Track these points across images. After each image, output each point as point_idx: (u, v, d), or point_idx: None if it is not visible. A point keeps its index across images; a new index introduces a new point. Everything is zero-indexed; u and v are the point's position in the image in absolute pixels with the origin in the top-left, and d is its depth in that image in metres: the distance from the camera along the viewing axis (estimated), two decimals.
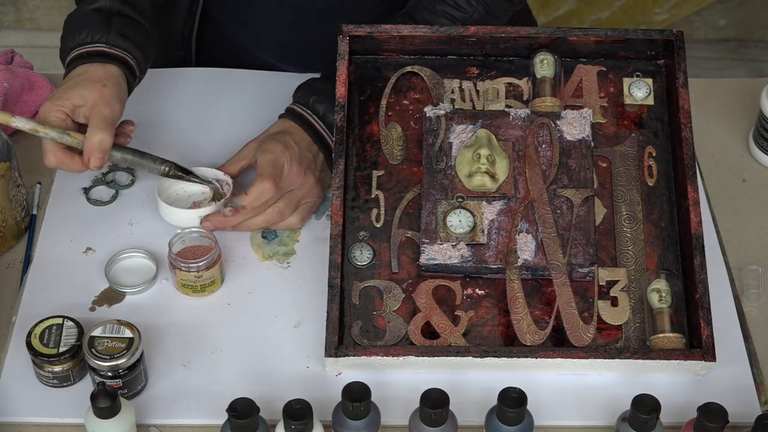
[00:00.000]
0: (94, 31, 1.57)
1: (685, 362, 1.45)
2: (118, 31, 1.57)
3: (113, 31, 1.57)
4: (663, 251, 1.54)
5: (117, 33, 1.57)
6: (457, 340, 1.48)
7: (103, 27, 1.57)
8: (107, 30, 1.57)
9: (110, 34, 1.57)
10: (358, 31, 1.61)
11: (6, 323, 1.54)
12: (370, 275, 1.53)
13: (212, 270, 1.53)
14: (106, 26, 1.57)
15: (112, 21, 1.58)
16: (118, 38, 1.57)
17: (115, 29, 1.57)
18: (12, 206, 1.60)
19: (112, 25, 1.57)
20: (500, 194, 1.53)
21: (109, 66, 1.55)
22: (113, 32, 1.57)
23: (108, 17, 1.58)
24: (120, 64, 1.56)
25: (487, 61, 1.65)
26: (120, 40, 1.57)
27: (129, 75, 1.58)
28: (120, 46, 1.57)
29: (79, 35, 1.57)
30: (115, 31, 1.57)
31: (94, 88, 1.52)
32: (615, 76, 1.64)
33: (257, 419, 1.34)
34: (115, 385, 1.41)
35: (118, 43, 1.57)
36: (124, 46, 1.57)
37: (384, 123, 1.62)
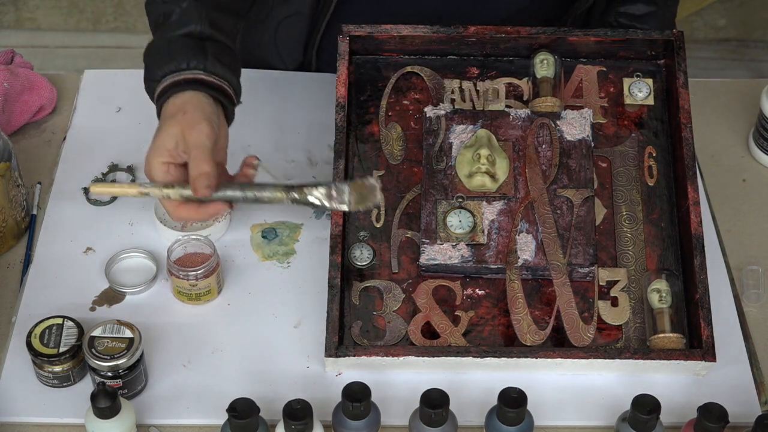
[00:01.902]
0: (190, 58, 1.46)
1: (685, 362, 1.45)
2: (215, 57, 1.47)
3: (210, 57, 1.47)
4: (663, 251, 1.54)
5: (214, 59, 1.47)
6: (457, 340, 1.48)
7: (199, 54, 1.46)
8: (204, 56, 1.46)
9: (208, 61, 1.46)
10: (358, 31, 1.61)
11: (6, 323, 1.54)
12: (370, 275, 1.53)
13: (209, 279, 1.53)
14: (201, 52, 1.47)
15: (206, 47, 1.48)
16: (216, 65, 1.47)
17: (212, 55, 1.47)
18: (12, 206, 1.60)
19: (207, 52, 1.47)
20: (500, 194, 1.53)
21: (191, 93, 1.44)
22: (210, 59, 1.47)
23: (201, 43, 1.48)
24: (216, 92, 1.46)
25: (487, 61, 1.65)
26: (218, 67, 1.47)
27: (226, 102, 1.47)
28: (218, 73, 1.47)
29: (172, 62, 1.46)
30: (212, 57, 1.47)
31: (176, 120, 1.42)
32: (615, 76, 1.64)
33: (257, 419, 1.34)
34: (115, 385, 1.41)
35: (216, 70, 1.47)
36: (222, 73, 1.47)
37: (384, 123, 1.61)
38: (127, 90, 1.81)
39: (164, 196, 1.41)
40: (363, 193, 1.43)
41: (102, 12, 3.33)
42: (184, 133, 1.40)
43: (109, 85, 1.83)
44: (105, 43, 3.30)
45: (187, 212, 1.42)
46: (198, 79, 1.45)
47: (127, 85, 1.83)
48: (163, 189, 1.41)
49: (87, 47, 3.28)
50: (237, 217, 1.64)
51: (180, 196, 1.41)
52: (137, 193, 1.41)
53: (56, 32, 3.30)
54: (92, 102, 1.80)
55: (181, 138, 1.40)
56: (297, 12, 1.79)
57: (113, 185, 1.48)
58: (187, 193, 1.40)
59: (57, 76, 1.85)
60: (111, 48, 3.30)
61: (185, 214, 1.42)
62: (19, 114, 1.75)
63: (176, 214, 1.43)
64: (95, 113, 1.78)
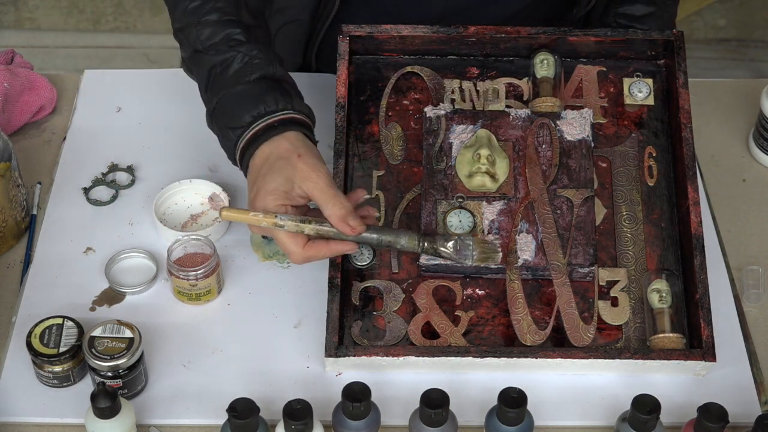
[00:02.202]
0: (277, 99, 1.45)
1: (685, 362, 1.45)
2: (296, 95, 1.48)
3: (293, 96, 1.47)
4: (663, 251, 1.54)
5: (297, 97, 1.47)
6: (457, 340, 1.48)
7: (283, 94, 1.46)
8: (288, 96, 1.46)
9: (294, 100, 1.46)
10: (358, 31, 1.61)
11: (6, 323, 1.54)
12: (370, 275, 1.53)
13: (209, 279, 1.53)
14: (283, 93, 1.46)
15: (285, 87, 1.47)
16: (301, 103, 1.47)
17: (294, 94, 1.47)
18: (12, 206, 1.60)
19: (288, 92, 1.47)
20: (500, 194, 1.53)
21: (290, 134, 1.43)
22: (295, 98, 1.47)
23: (278, 84, 1.47)
24: (308, 131, 1.46)
25: (487, 61, 1.65)
26: (303, 106, 1.47)
27: (312, 138, 1.47)
28: (304, 111, 1.47)
29: (260, 105, 1.44)
30: (294, 96, 1.47)
31: (292, 163, 1.40)
32: (615, 76, 1.64)
33: (257, 419, 1.34)
34: (115, 385, 1.41)
35: (303, 108, 1.47)
36: (307, 111, 1.48)
37: (384, 123, 1.62)
38: (127, 90, 1.82)
39: (300, 230, 1.40)
40: (485, 251, 1.48)
41: (102, 12, 3.33)
42: (308, 178, 1.40)
43: (109, 85, 1.83)
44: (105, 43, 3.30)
45: (316, 251, 1.41)
46: (291, 119, 1.45)
47: (127, 85, 1.83)
48: (300, 223, 1.40)
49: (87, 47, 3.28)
50: None
51: (316, 232, 1.40)
52: (272, 224, 1.39)
53: (56, 32, 3.30)
54: (92, 102, 1.80)
55: (300, 182, 1.40)
56: (296, 19, 1.79)
57: (246, 211, 1.41)
58: (324, 230, 1.40)
59: (57, 76, 1.85)
60: (111, 48, 3.30)
61: (314, 254, 1.41)
62: (19, 114, 1.75)
63: (300, 252, 1.40)
64: (95, 113, 1.78)
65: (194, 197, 1.66)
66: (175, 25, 1.55)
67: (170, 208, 1.65)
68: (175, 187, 1.65)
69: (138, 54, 3.28)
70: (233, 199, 1.65)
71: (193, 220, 1.64)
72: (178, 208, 1.65)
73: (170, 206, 1.65)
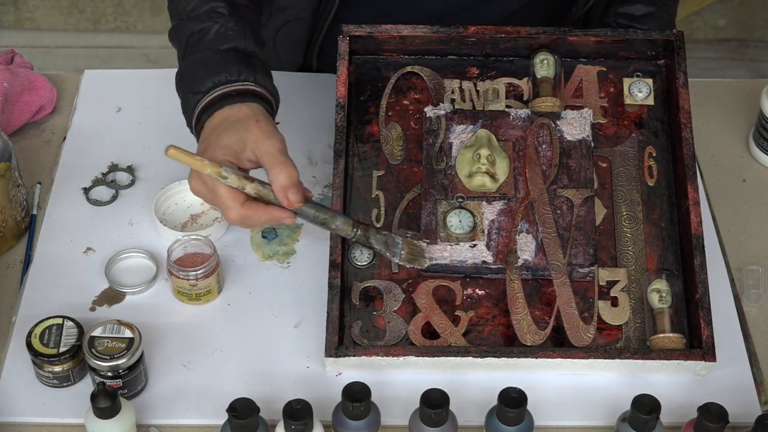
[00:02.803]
0: (240, 70, 1.46)
1: (686, 362, 1.45)
2: (263, 71, 1.48)
3: (259, 71, 1.47)
4: (663, 251, 1.54)
5: (263, 73, 1.48)
6: (457, 340, 1.48)
7: (248, 66, 1.46)
8: (254, 69, 1.47)
9: (258, 74, 1.47)
10: (358, 31, 1.61)
11: (6, 323, 1.54)
12: (370, 275, 1.53)
13: (209, 279, 1.53)
14: (250, 66, 1.47)
15: (253, 62, 1.48)
16: (266, 78, 1.48)
17: (260, 70, 1.48)
18: (12, 206, 1.60)
19: (256, 66, 1.48)
20: (500, 194, 1.53)
21: (251, 104, 1.44)
22: (260, 72, 1.47)
23: (247, 57, 1.48)
24: (264, 103, 1.46)
25: (487, 61, 1.65)
26: (267, 81, 1.48)
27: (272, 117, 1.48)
28: (267, 87, 1.47)
29: (222, 73, 1.45)
30: (260, 71, 1.48)
31: (249, 126, 1.41)
32: (615, 76, 1.64)
33: (257, 419, 1.34)
34: (115, 385, 1.41)
35: (266, 83, 1.47)
36: (270, 88, 1.48)
37: (384, 123, 1.62)
38: (127, 90, 1.82)
39: (241, 186, 1.38)
40: (413, 252, 1.48)
41: (102, 12, 3.33)
42: (260, 141, 1.39)
43: (109, 85, 1.83)
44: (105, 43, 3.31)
45: (253, 211, 1.39)
46: (250, 91, 1.45)
47: (127, 85, 1.83)
48: (243, 179, 1.38)
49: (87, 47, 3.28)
50: None
51: (257, 192, 1.39)
52: (215, 173, 1.37)
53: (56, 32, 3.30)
54: (92, 102, 1.80)
55: (253, 145, 1.39)
56: (297, 17, 1.79)
57: (192, 155, 1.38)
58: (265, 192, 1.39)
59: (57, 76, 1.85)
60: (111, 48, 3.30)
61: (250, 213, 1.39)
62: (19, 114, 1.75)
63: (238, 213, 1.39)
64: (95, 113, 1.78)
65: (194, 197, 1.65)
66: None
67: (170, 208, 1.65)
68: (175, 187, 1.65)
69: (138, 54, 3.28)
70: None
71: (193, 220, 1.64)
72: (178, 208, 1.65)
73: (170, 206, 1.65)
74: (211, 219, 1.64)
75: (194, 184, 1.42)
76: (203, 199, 1.43)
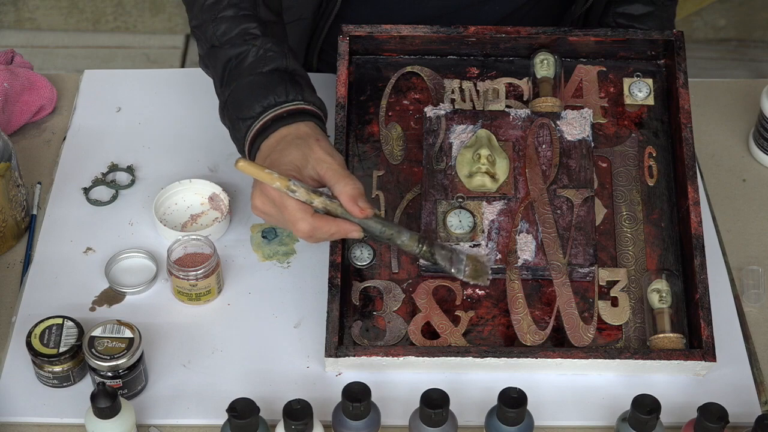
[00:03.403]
0: (288, 90, 1.46)
1: (686, 362, 1.45)
2: (308, 87, 1.49)
3: (305, 88, 1.48)
4: (663, 251, 1.54)
5: (309, 89, 1.49)
6: (457, 340, 1.48)
7: (294, 85, 1.47)
8: (300, 87, 1.47)
9: (305, 91, 1.47)
10: (358, 31, 1.61)
11: (6, 323, 1.54)
12: (370, 275, 1.53)
13: (209, 279, 1.53)
14: (295, 84, 1.47)
15: (297, 79, 1.49)
16: (313, 95, 1.48)
17: (305, 86, 1.48)
18: (12, 206, 1.60)
19: (300, 83, 1.48)
20: (500, 194, 1.53)
21: (308, 122, 1.45)
22: (306, 89, 1.48)
23: (291, 76, 1.49)
24: (316, 120, 1.47)
25: (487, 61, 1.65)
26: (315, 97, 1.48)
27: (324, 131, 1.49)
28: (316, 103, 1.48)
29: (270, 96, 1.46)
30: (306, 87, 1.48)
31: (311, 144, 1.41)
32: (615, 76, 1.64)
33: (257, 419, 1.34)
34: (115, 385, 1.41)
35: (314, 100, 1.48)
36: (318, 103, 1.49)
37: (384, 123, 1.62)
38: (127, 90, 1.82)
39: (309, 201, 1.38)
40: (477, 269, 1.46)
41: (102, 12, 3.33)
42: (322, 160, 1.40)
43: (109, 85, 1.83)
44: (105, 43, 3.30)
45: (322, 223, 1.38)
46: (301, 110, 1.46)
47: (127, 85, 1.83)
48: (311, 193, 1.38)
49: (87, 47, 3.28)
50: (237, 217, 1.64)
51: (324, 206, 1.39)
52: (285, 186, 1.37)
53: (56, 32, 3.30)
54: (92, 102, 1.80)
55: (315, 162, 1.40)
56: (299, 18, 1.79)
57: (262, 167, 1.37)
58: (332, 206, 1.39)
59: (57, 76, 1.85)
60: (111, 48, 3.30)
61: (320, 225, 1.38)
62: (19, 114, 1.75)
63: (309, 225, 1.38)
64: (95, 113, 1.78)
65: (194, 197, 1.66)
66: (193, 23, 1.56)
67: (170, 208, 1.65)
68: (175, 187, 1.65)
69: (138, 54, 3.28)
70: (233, 199, 1.65)
71: (193, 220, 1.64)
72: (178, 208, 1.65)
73: (170, 206, 1.65)
74: (211, 219, 1.64)
75: (259, 203, 1.41)
76: (267, 218, 1.42)
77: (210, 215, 1.64)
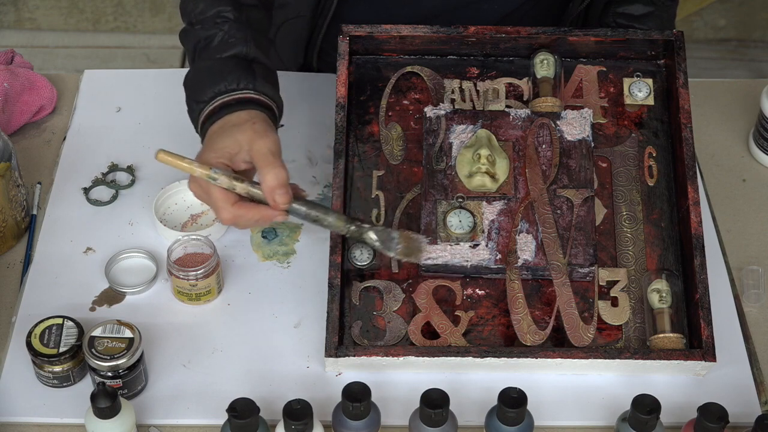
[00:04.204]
0: (239, 78, 1.47)
1: (686, 362, 1.45)
2: (263, 77, 1.49)
3: (259, 77, 1.48)
4: (663, 251, 1.54)
5: (262, 79, 1.48)
6: (457, 340, 1.48)
7: (247, 74, 1.48)
8: (253, 76, 1.48)
9: (257, 81, 1.48)
10: (358, 31, 1.61)
11: (6, 323, 1.54)
12: (370, 275, 1.53)
13: (209, 279, 1.53)
14: (250, 73, 1.48)
15: (254, 68, 1.49)
16: (266, 85, 1.48)
17: (260, 76, 1.48)
18: (12, 206, 1.60)
19: (256, 72, 1.48)
20: (500, 194, 1.53)
21: (250, 111, 1.45)
22: (259, 79, 1.48)
23: (248, 64, 1.49)
24: (265, 110, 1.47)
25: (487, 61, 1.65)
26: (267, 87, 1.48)
27: (273, 122, 1.48)
28: (267, 93, 1.48)
29: (221, 83, 1.47)
30: (260, 77, 1.48)
31: (244, 129, 1.42)
32: (615, 76, 1.64)
33: (257, 419, 1.34)
34: (115, 385, 1.41)
35: (266, 90, 1.48)
36: (271, 93, 1.49)
37: (384, 123, 1.62)
38: (127, 90, 1.82)
39: (230, 187, 1.39)
40: (410, 246, 1.46)
41: (102, 12, 3.33)
42: (254, 142, 1.40)
43: (109, 85, 1.83)
44: (105, 43, 3.31)
45: (244, 211, 1.40)
46: (249, 99, 1.46)
47: (127, 85, 1.83)
48: (233, 180, 1.39)
49: (87, 47, 3.28)
50: None
51: (247, 192, 1.40)
52: (205, 175, 1.39)
53: (56, 32, 3.30)
54: (92, 102, 1.80)
55: (247, 147, 1.40)
56: (297, 15, 1.79)
57: (181, 158, 1.40)
58: (255, 192, 1.40)
59: (57, 76, 1.85)
60: (111, 48, 3.30)
61: (242, 213, 1.40)
62: (19, 114, 1.75)
63: (230, 213, 1.40)
64: (95, 113, 1.78)
65: (194, 197, 1.65)
66: None
67: (170, 208, 1.65)
68: (175, 187, 1.65)
69: (138, 54, 3.28)
70: None
71: (193, 220, 1.64)
72: (178, 208, 1.65)
73: (170, 206, 1.65)
74: (211, 219, 1.64)
75: (192, 187, 1.43)
76: (202, 201, 1.44)
77: (210, 215, 1.64)
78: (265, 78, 1.50)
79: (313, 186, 1.68)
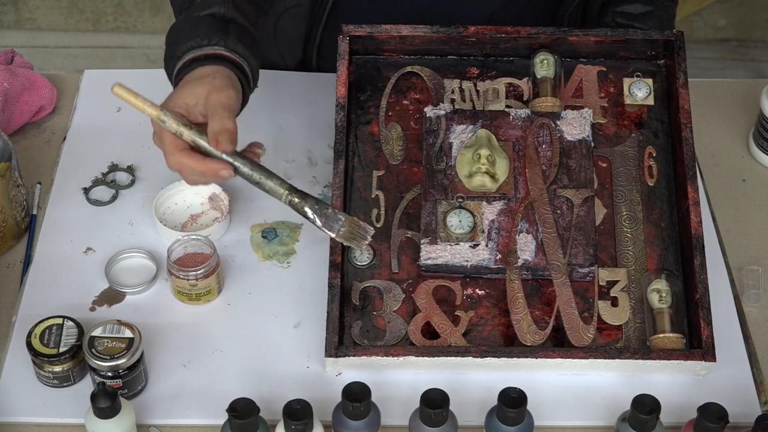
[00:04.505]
0: (212, 35, 1.48)
1: (685, 362, 1.45)
2: (236, 37, 1.50)
3: (232, 36, 1.49)
4: (663, 251, 1.54)
5: (235, 38, 1.49)
6: (457, 340, 1.48)
7: (220, 31, 1.49)
8: (226, 34, 1.49)
9: (229, 39, 1.48)
10: (358, 31, 1.61)
11: (6, 323, 1.54)
12: (370, 275, 1.53)
13: (209, 279, 1.53)
14: (223, 31, 1.49)
15: (229, 27, 1.50)
16: (237, 44, 1.49)
17: (233, 35, 1.49)
18: (12, 206, 1.60)
19: (230, 31, 1.50)
20: (500, 194, 1.53)
21: (216, 66, 1.46)
22: (232, 37, 1.49)
23: (224, 23, 1.51)
24: (235, 69, 1.48)
25: (487, 61, 1.65)
26: (239, 46, 1.49)
27: (245, 83, 1.49)
28: (239, 51, 1.48)
29: (194, 38, 1.49)
30: (233, 36, 1.49)
31: (204, 82, 1.43)
32: (615, 76, 1.64)
33: (257, 419, 1.34)
34: (115, 385, 1.41)
35: (237, 48, 1.49)
36: (243, 52, 1.49)
37: (384, 123, 1.62)
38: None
39: (178, 132, 1.39)
40: (354, 232, 1.44)
41: (102, 12, 3.33)
42: (210, 95, 1.41)
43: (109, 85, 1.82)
44: (105, 43, 3.31)
45: (189, 159, 1.39)
46: (219, 55, 1.47)
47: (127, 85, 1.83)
48: (181, 126, 1.39)
49: (87, 47, 3.28)
50: (237, 217, 1.64)
51: (192, 140, 1.39)
52: (155, 115, 1.39)
53: (56, 32, 3.30)
54: (92, 102, 1.80)
55: (203, 99, 1.41)
56: (297, 4, 1.79)
57: (137, 95, 1.40)
58: (200, 141, 1.39)
59: (57, 76, 1.85)
60: (111, 48, 3.30)
61: (186, 161, 1.39)
62: (19, 114, 1.75)
63: (175, 159, 1.39)
64: (95, 113, 1.78)
65: (194, 197, 1.66)
66: None
67: (170, 208, 1.65)
68: (175, 187, 1.65)
69: (138, 54, 3.28)
70: (233, 200, 1.65)
71: (193, 220, 1.64)
72: (178, 208, 1.65)
73: (170, 206, 1.65)
74: (211, 219, 1.64)
75: (155, 137, 1.43)
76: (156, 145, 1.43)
77: (210, 215, 1.65)
78: (239, 38, 1.50)
79: (313, 186, 1.68)
